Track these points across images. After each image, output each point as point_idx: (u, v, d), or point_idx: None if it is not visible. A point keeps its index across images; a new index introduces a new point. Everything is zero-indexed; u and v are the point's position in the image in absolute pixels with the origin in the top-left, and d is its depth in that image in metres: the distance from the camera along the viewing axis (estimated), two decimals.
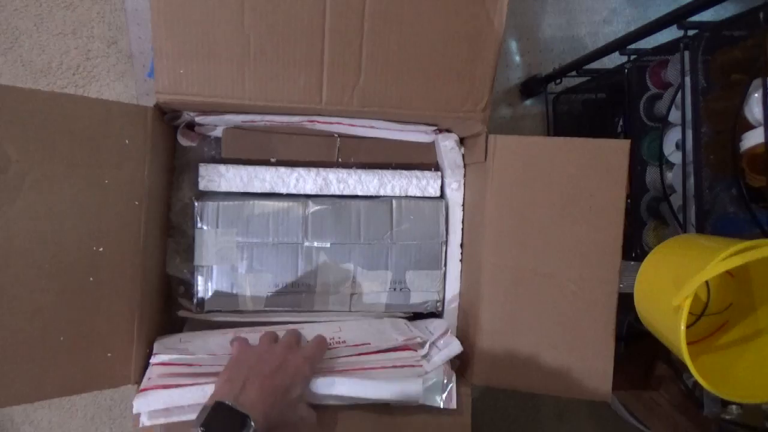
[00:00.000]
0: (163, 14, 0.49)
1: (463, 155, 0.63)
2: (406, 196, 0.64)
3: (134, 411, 0.47)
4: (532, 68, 1.14)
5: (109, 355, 0.50)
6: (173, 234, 0.63)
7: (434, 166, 0.66)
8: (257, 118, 0.58)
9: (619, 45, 0.80)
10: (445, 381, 0.54)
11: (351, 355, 0.53)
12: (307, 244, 0.61)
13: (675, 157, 0.71)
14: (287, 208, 0.60)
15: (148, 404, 0.47)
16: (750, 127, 0.58)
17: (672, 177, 0.73)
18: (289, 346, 0.50)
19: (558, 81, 1.05)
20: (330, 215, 0.61)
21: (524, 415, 1.12)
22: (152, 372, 0.50)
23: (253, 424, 0.41)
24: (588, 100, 1.04)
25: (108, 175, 0.50)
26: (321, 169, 0.62)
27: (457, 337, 0.63)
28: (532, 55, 1.14)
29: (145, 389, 0.48)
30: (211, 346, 0.53)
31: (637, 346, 0.75)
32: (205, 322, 0.60)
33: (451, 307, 0.63)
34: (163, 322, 0.61)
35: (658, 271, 0.54)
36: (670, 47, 0.76)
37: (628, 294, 0.57)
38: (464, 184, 0.64)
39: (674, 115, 0.71)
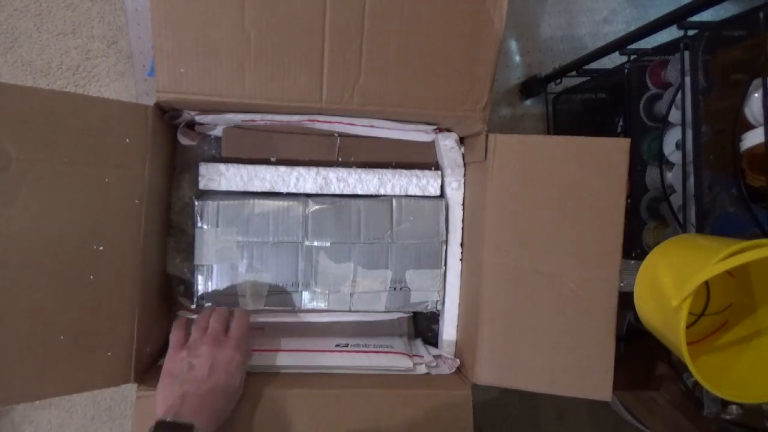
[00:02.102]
0: (164, 13, 0.49)
1: (463, 154, 0.63)
2: (406, 195, 0.64)
3: None
4: (532, 68, 1.14)
5: (109, 354, 0.50)
6: (173, 233, 0.62)
7: (434, 165, 0.66)
8: (257, 117, 0.58)
9: (619, 45, 0.80)
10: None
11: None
12: (307, 243, 0.61)
13: (675, 157, 0.71)
14: (287, 207, 0.60)
15: None
16: (750, 127, 0.58)
17: (672, 177, 0.73)
18: (215, 340, 0.50)
19: (558, 81, 1.05)
20: (330, 214, 0.61)
21: (524, 415, 1.12)
22: None
23: (198, 429, 0.42)
24: (588, 99, 1.04)
25: (108, 173, 0.50)
26: (321, 168, 0.62)
27: (457, 336, 0.64)
28: (532, 55, 1.14)
29: None
30: None
31: (637, 346, 0.75)
32: None
33: (451, 306, 0.63)
34: (163, 322, 0.61)
35: (658, 271, 0.54)
36: (670, 47, 0.76)
37: (628, 293, 0.57)
38: (464, 183, 0.64)
39: (674, 115, 0.71)
